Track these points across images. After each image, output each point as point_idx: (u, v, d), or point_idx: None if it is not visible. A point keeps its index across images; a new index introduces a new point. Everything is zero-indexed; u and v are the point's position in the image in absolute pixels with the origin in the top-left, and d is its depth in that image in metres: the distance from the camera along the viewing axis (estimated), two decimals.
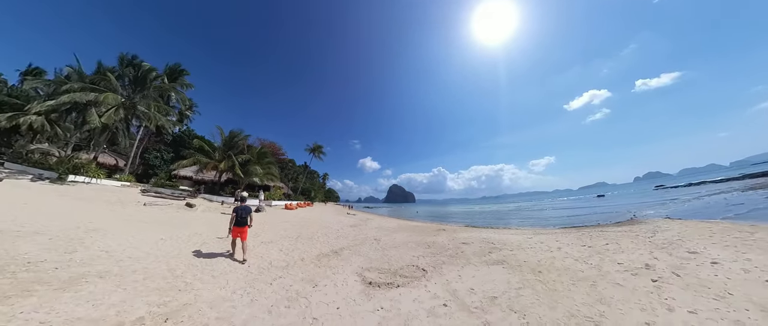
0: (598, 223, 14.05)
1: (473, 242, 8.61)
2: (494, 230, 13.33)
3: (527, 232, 11.66)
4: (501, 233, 11.35)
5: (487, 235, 10.35)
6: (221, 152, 22.10)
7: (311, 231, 10.72)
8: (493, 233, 11.32)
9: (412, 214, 40.18)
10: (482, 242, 8.59)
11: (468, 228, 14.43)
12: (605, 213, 19.29)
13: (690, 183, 53.31)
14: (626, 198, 39.78)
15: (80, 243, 5.57)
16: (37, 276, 3.79)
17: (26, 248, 4.81)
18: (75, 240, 5.64)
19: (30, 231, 5.79)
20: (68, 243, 5.41)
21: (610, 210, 21.05)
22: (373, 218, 21.84)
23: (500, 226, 16.37)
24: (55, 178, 14.99)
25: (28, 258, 4.36)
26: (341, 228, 12.35)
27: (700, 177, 78.88)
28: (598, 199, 47.96)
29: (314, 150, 49.13)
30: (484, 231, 12.23)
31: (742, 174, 48.06)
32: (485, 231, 12.22)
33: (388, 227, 13.68)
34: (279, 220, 14.04)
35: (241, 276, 4.78)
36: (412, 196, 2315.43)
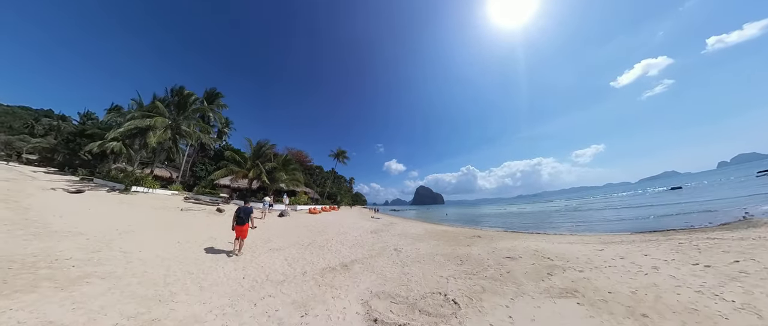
0: (692, 226, 10.67)
1: (521, 256, 6.66)
2: (544, 237, 10.88)
3: (591, 240, 9.12)
4: (555, 241, 9.02)
5: (537, 245, 8.19)
6: (250, 161, 22.92)
7: (326, 238, 9.70)
8: (544, 241, 9.04)
9: (441, 217, 37.58)
10: (534, 256, 6.58)
11: (509, 235, 12.14)
12: (694, 212, 14.92)
13: None
14: (716, 190, 31.35)
15: (108, 243, 6.09)
16: (52, 273, 4.18)
17: (65, 246, 5.54)
18: (105, 241, 6.23)
19: (78, 232, 6.66)
20: (98, 243, 5.99)
21: (701, 208, 16.36)
22: (398, 222, 20.36)
23: (549, 231, 13.61)
24: (122, 189, 17.63)
25: (58, 256, 4.92)
26: (360, 234, 11.17)
27: None
28: (672, 193, 39.52)
29: (338, 155, 49.61)
30: (531, 239, 9.95)
31: None
32: (533, 239, 9.93)
33: (412, 233, 12.11)
34: (299, 225, 13.43)
35: (228, 291, 4.31)
36: (440, 198, 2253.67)
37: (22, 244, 5.35)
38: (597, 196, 72.86)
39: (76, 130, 36.02)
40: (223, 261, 5.91)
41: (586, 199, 58.72)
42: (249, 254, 6.76)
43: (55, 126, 49.62)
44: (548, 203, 61.76)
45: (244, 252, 6.64)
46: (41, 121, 55.76)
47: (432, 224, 21.38)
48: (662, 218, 14.74)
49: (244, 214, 6.31)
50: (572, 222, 17.33)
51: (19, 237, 5.73)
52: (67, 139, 35.27)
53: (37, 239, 5.79)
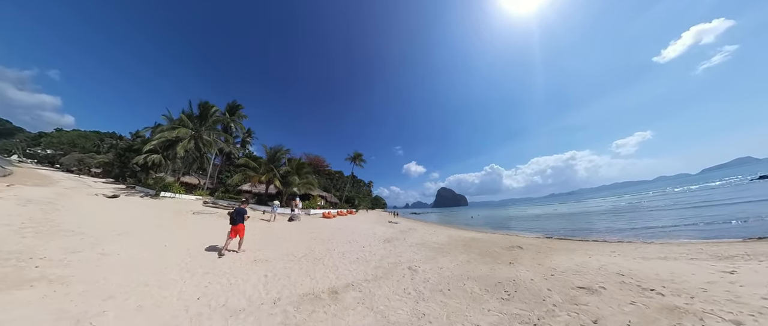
0: None
1: (603, 284, 4.29)
2: (612, 247, 8.10)
3: (691, 252, 6.32)
4: (636, 256, 6.37)
5: (615, 262, 5.68)
6: (263, 166, 22.58)
7: (327, 248, 8.02)
8: (619, 256, 6.43)
9: (466, 220, 34.38)
10: (622, 285, 4.19)
11: (560, 244, 9.46)
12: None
13: None
14: None
15: (95, 244, 5.90)
16: (10, 272, 4.09)
17: (52, 245, 5.48)
18: (95, 242, 6.08)
19: (79, 232, 6.64)
20: (85, 244, 5.84)
21: None
22: (417, 227, 18.20)
23: (611, 238, 10.51)
24: (153, 194, 18.93)
25: (36, 254, 4.84)
26: (370, 243, 9.33)
27: None
28: (761, 183, 32.09)
29: (355, 158, 48.64)
30: (597, 251, 7.31)
31: None
32: (598, 251, 7.29)
33: (433, 243, 9.98)
34: (305, 230, 12.01)
35: (164, 319, 3.42)
36: (463, 199, 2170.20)
37: (16, 241, 5.40)
38: (650, 191, 62.68)
39: (126, 145, 40.43)
40: (193, 272, 5.09)
41: (637, 196, 50.31)
42: (228, 264, 5.69)
43: (114, 144, 56.69)
44: (591, 201, 54.65)
45: (240, 256, 6.49)
46: (105, 141, 64.89)
47: (457, 229, 18.86)
48: None
49: (236, 215, 6.57)
50: (633, 226, 13.73)
51: (21, 235, 5.81)
52: (119, 154, 39.38)
53: (36, 237, 5.80)
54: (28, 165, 52.45)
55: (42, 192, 12.12)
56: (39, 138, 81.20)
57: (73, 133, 76.04)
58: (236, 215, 6.58)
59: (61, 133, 78.16)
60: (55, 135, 76.56)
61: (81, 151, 62.13)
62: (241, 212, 6.69)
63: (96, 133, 76.58)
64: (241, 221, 6.63)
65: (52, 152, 68.03)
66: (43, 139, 77.34)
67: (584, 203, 51.56)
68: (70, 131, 78.85)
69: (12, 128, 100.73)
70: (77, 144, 67.83)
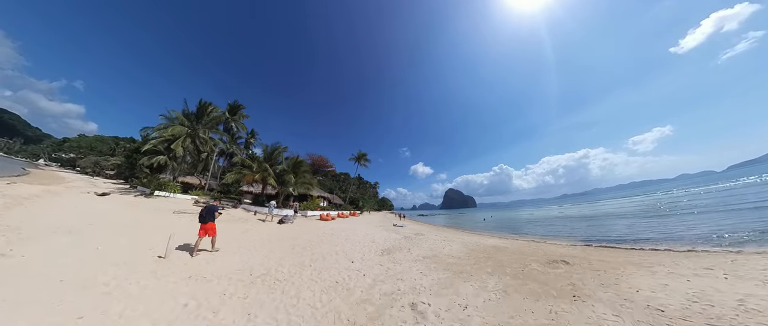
0: None
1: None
2: (697, 259, 5.62)
3: None
4: (742, 271, 3.96)
5: (721, 286, 3.32)
6: (257, 164, 20.98)
7: (303, 262, 5.96)
8: (722, 274, 4.04)
9: (478, 223, 31.50)
10: None
11: (613, 254, 7.03)
12: None
13: None
14: None
15: (11, 242, 5.10)
16: None
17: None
18: (16, 239, 5.32)
19: (12, 226, 5.94)
20: (19, 242, 5.16)
21: None
22: (426, 232, 15.87)
23: (679, 244, 7.91)
24: (148, 193, 18.16)
25: None
26: (364, 255, 7.19)
27: None
28: None
29: (359, 158, 46.56)
30: (675, 264, 4.94)
31: None
32: (678, 264, 4.90)
33: (447, 255, 7.72)
34: (291, 235, 10.05)
35: None
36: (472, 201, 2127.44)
37: None
38: (676, 190, 56.84)
39: (134, 147, 40.57)
40: (90, 289, 3.80)
41: (665, 194, 45.25)
42: (150, 280, 4.26)
43: (128, 147, 58.08)
44: (613, 202, 50.19)
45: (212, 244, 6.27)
46: (120, 144, 66.95)
47: (472, 234, 16.39)
48: None
49: (206, 213, 6.15)
50: (687, 230, 10.80)
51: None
52: (127, 155, 39.43)
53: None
54: (52, 168, 54.68)
55: (33, 189, 11.71)
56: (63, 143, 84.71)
57: (92, 138, 78.84)
58: (206, 213, 6.08)
59: (82, 138, 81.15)
60: (76, 140, 79.56)
61: (97, 154, 64.35)
62: (211, 209, 6.23)
63: (114, 138, 79.20)
64: (212, 219, 6.10)
65: (73, 156, 70.70)
66: (65, 144, 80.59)
67: (606, 203, 47.31)
68: (91, 137, 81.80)
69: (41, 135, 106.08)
70: (95, 148, 70.37)
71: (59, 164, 71.50)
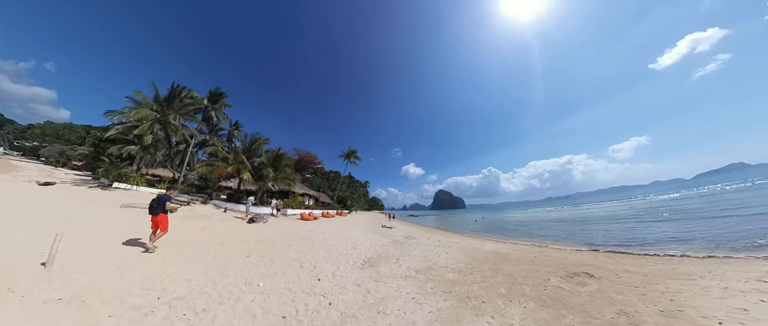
0: None
1: None
2: (740, 267, 4.54)
3: None
4: None
5: None
6: (232, 156, 18.85)
7: (254, 277, 4.41)
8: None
9: (470, 224, 30.63)
10: None
11: (635, 262, 5.98)
12: None
13: None
14: None
15: None
16: None
17: None
18: None
19: None
20: None
21: None
22: (417, 234, 14.50)
23: (696, 250, 6.95)
24: (105, 185, 16.47)
25: None
26: (339, 267, 5.66)
27: None
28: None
29: (348, 155, 44.67)
30: (728, 277, 3.77)
31: None
32: (730, 277, 3.73)
33: (444, 266, 6.32)
34: (256, 238, 8.38)
35: None
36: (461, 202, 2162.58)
37: None
38: (650, 195, 59.13)
39: (100, 135, 36.82)
40: None
41: (643, 199, 46.70)
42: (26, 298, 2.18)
43: (98, 136, 53.17)
44: (595, 205, 50.92)
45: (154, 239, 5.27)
46: (91, 133, 61.47)
47: (466, 237, 15.17)
48: None
49: (157, 204, 5.42)
50: (694, 235, 10.00)
51: None
52: (94, 144, 35.74)
53: None
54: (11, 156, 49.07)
55: None
56: (26, 130, 77.68)
57: (60, 125, 72.48)
58: (157, 203, 5.44)
59: (47, 125, 74.49)
60: (40, 127, 72.87)
61: (64, 143, 58.67)
62: (162, 200, 5.52)
63: (86, 127, 73.20)
64: (163, 211, 5.44)
65: (37, 144, 64.57)
66: (29, 131, 73.84)
67: (590, 207, 47.87)
68: (59, 124, 75.22)
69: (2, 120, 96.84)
70: (62, 136, 64.42)
71: (21, 153, 65.20)
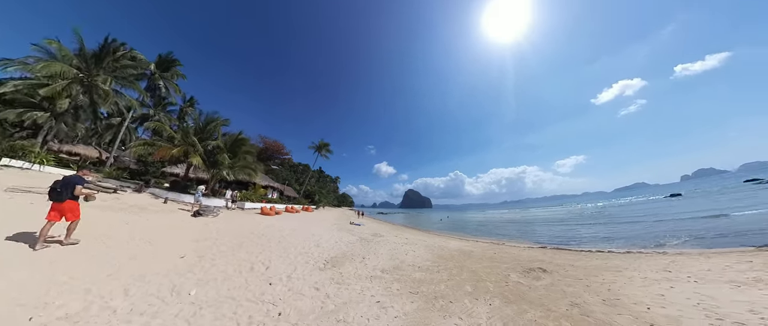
0: None
1: None
2: (649, 261, 5.35)
3: (752, 263, 3.58)
4: (713, 276, 3.41)
5: (710, 292, 2.51)
6: (180, 136, 16.07)
7: (186, 284, 3.48)
8: (686, 277, 3.47)
9: (436, 223, 31.73)
10: None
11: (575, 257, 6.65)
12: (754, 219, 12.25)
13: None
14: (718, 197, 29.07)
15: None
16: None
17: None
18: None
19: None
20: None
21: (752, 214, 13.60)
22: (385, 232, 14.21)
23: (618, 247, 8.12)
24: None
25: None
26: (297, 268, 4.92)
27: (763, 173, 66.67)
28: (674, 200, 37.08)
29: (319, 148, 42.36)
30: (640, 268, 4.35)
31: None
32: (642, 267, 4.31)
33: (411, 265, 6.03)
34: (200, 235, 7.06)
35: None
36: (428, 201, 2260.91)
37: None
38: (579, 204, 70.40)
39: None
40: None
41: (580, 205, 55.16)
42: None
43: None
44: (543, 210, 57.41)
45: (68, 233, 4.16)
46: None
47: (433, 235, 15.39)
48: (711, 226, 11.90)
49: (61, 188, 4.02)
50: (616, 234, 11.79)
51: None
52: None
53: None
54: None
55: None
56: None
57: None
58: (62, 187, 4.02)
59: None
60: None
61: None
62: (70, 183, 4.15)
63: None
64: (71, 197, 4.08)
65: None
66: None
67: (539, 211, 53.79)
68: None
69: None
70: None
71: None
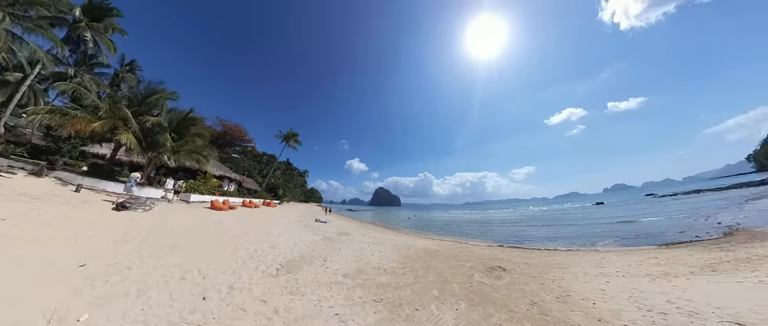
0: (697, 238, 9.77)
1: None
2: (586, 257, 6.52)
3: (658, 259, 4.56)
4: (637, 270, 4.51)
5: (639, 286, 4.37)
6: (110, 106, 12.85)
7: (77, 305, 2.49)
8: (615, 272, 4.52)
9: (404, 221, 32.17)
10: None
11: (530, 256, 7.37)
12: (651, 223, 16.04)
13: (687, 191, 51.70)
14: (631, 207, 35.19)
15: None
16: None
17: None
18: None
19: None
20: None
21: (653, 220, 17.52)
22: (352, 230, 13.62)
23: (560, 245, 9.31)
24: None
25: None
26: (241, 276, 4.10)
27: (657, 190, 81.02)
28: (599, 208, 43.94)
29: (288, 137, 39.22)
30: (583, 264, 5.11)
31: (731, 184, 51.22)
32: (582, 264, 5.03)
33: (376, 269, 5.60)
34: (120, 235, 5.63)
35: None
36: (397, 200, 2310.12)
37: None
38: (533, 207, 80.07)
39: None
40: None
41: (528, 208, 62.93)
42: None
43: None
44: (500, 211, 62.79)
45: None
46: None
47: (400, 233, 15.30)
48: (630, 228, 15.16)
49: None
50: (558, 234, 13.89)
51: None
52: None
53: None
54: None
55: None
56: None
57: None
58: None
59: None
60: None
61: None
62: None
63: None
64: None
65: None
66: None
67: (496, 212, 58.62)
68: None
69: None
70: None
71: None
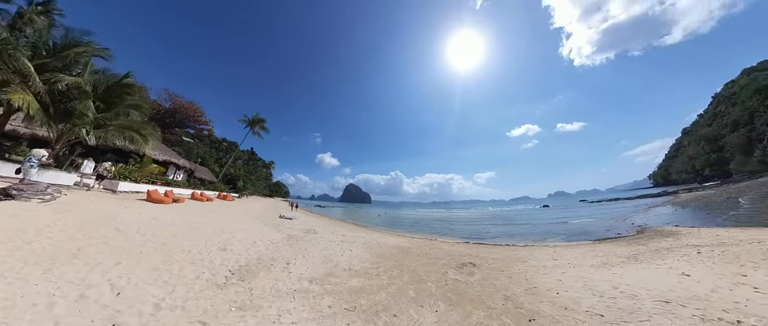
0: (619, 234, 12.09)
1: None
2: (543, 251, 7.98)
3: (597, 252, 5.80)
4: (587, 262, 5.97)
5: (592, 276, 4.87)
6: (4, 56, 9.53)
7: None
8: (569, 264, 5.83)
9: (374, 219, 32.08)
10: None
11: (496, 251, 8.41)
12: (585, 223, 18.98)
13: (609, 199, 61.72)
14: (569, 209, 41.08)
15: None
16: None
17: None
18: None
19: None
20: None
21: (587, 221, 20.85)
22: (321, 228, 12.84)
23: (518, 241, 10.57)
24: None
25: None
26: (176, 288, 3.22)
27: (587, 197, 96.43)
28: (545, 210, 50.49)
29: (253, 123, 35.13)
30: (538, 258, 6.20)
31: (638, 194, 61.41)
32: (539, 257, 6.22)
33: (347, 272, 5.12)
34: (4, 237, 4.15)
35: None
36: (368, 197, 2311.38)
37: None
38: (491, 207, 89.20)
39: None
40: None
41: (487, 209, 70.09)
42: None
43: None
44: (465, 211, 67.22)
45: None
46: None
47: (371, 231, 14.99)
48: (572, 226, 18.01)
49: None
50: (513, 231, 16.02)
51: None
52: None
53: None
54: None
55: None
56: None
57: None
58: None
59: None
60: None
61: None
62: None
63: None
64: None
65: None
66: None
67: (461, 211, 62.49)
68: None
69: None
70: None
71: None
